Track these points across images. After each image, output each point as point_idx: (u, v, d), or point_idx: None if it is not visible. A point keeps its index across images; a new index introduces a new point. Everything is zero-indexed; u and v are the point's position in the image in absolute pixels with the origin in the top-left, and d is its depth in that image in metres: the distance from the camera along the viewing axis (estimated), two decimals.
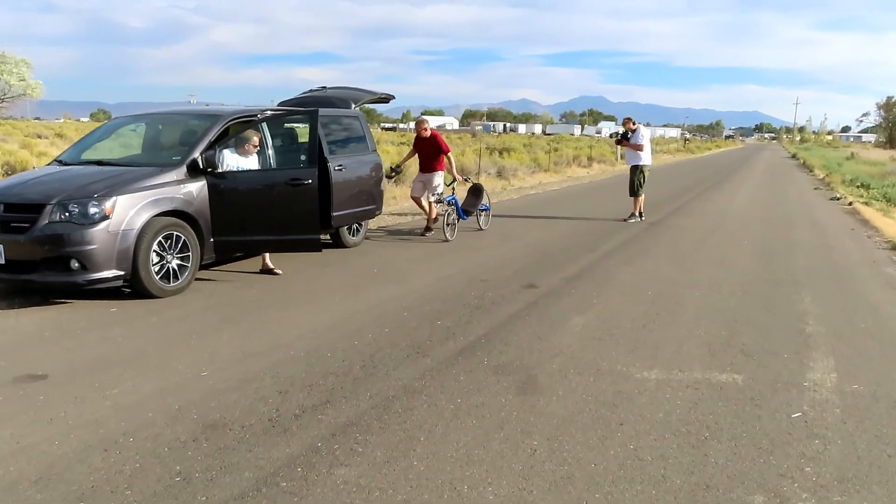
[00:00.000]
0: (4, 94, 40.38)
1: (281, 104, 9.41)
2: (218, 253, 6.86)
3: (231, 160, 6.84)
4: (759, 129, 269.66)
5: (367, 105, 11.99)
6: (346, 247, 8.89)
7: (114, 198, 5.94)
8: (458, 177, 10.37)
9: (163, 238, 6.22)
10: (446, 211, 9.63)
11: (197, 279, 6.76)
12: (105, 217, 5.86)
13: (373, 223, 10.73)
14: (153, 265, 6.13)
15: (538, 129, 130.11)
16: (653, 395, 4.12)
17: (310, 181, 6.69)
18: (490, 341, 5.04)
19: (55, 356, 4.63)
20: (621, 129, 12.75)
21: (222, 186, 6.69)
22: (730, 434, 3.63)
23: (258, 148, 7.08)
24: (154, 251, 6.14)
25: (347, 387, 4.10)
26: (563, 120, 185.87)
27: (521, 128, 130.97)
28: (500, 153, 28.25)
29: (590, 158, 30.17)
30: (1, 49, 42.36)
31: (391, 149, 24.59)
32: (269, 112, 7.71)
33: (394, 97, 10.24)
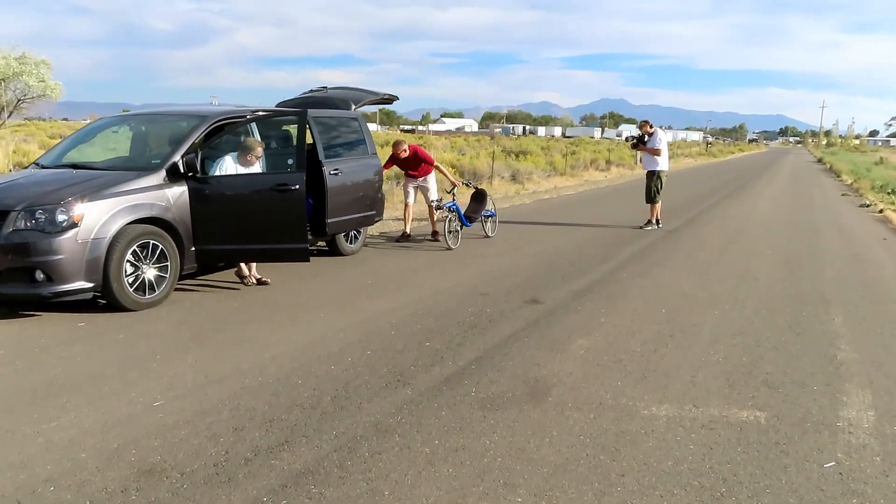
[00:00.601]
0: (24, 96, 40.29)
1: (280, 104, 8.99)
2: (200, 262, 6.43)
3: (232, 170, 6.41)
4: (783, 132, 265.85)
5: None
6: (344, 255, 8.44)
7: (84, 204, 5.52)
8: (456, 182, 9.88)
9: (138, 247, 5.80)
10: (447, 218, 9.12)
11: (178, 289, 6.34)
12: (73, 225, 5.44)
13: (375, 229, 10.29)
14: (127, 276, 5.72)
15: (558, 131, 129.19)
16: (661, 437, 3.59)
17: (297, 187, 6.23)
18: (481, 367, 4.53)
19: (1, 379, 4.21)
20: (638, 133, 12.17)
21: (204, 192, 6.26)
22: (751, 489, 3.10)
23: (261, 158, 6.62)
24: (128, 261, 5.72)
25: (312, 423, 3.62)
26: (584, 123, 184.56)
27: (541, 130, 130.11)
28: (516, 156, 27.70)
29: (608, 162, 29.52)
30: (21, 50, 42.42)
31: None
32: (260, 112, 7.28)
33: (397, 98, 9.76)
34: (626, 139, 16.08)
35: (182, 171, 6.17)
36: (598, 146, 44.22)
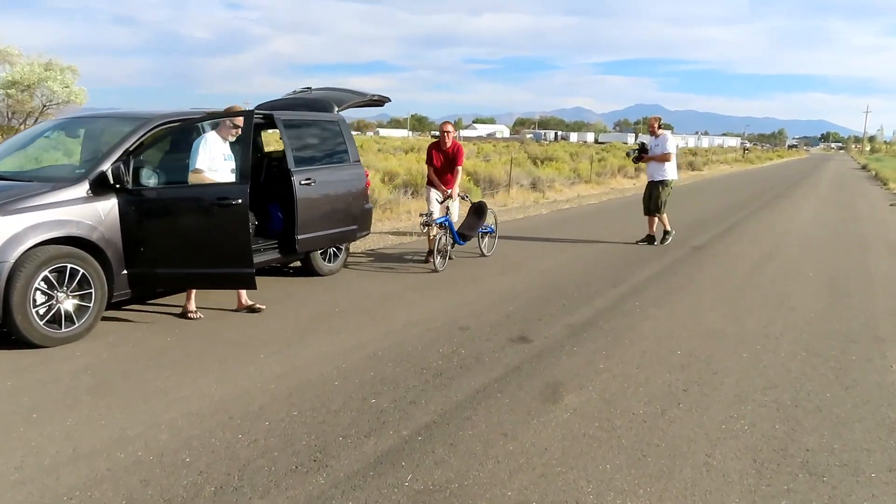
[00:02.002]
0: (49, 102, 40.46)
1: (259, 106, 8.09)
2: (134, 288, 5.53)
3: (217, 147, 5.63)
4: (825, 138, 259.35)
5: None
6: (320, 275, 7.49)
7: None
8: (454, 193, 8.37)
9: (52, 272, 4.92)
10: (437, 235, 7.99)
11: (114, 318, 5.48)
12: None
13: (369, 244, 9.35)
14: (37, 307, 4.84)
15: (591, 137, 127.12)
16: None
17: (239, 201, 5.31)
18: (430, 439, 3.51)
19: None
20: (642, 140, 10.57)
21: (136, 206, 5.37)
22: None
23: (239, 130, 5.72)
24: (38, 289, 4.85)
25: None
26: (617, 128, 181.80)
27: (573, 136, 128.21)
28: (541, 162, 26.59)
29: (637, 169, 28.18)
30: (48, 57, 42.86)
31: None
32: (209, 113, 6.36)
33: (389, 100, 8.80)
34: (627, 154, 12.82)
35: (111, 181, 5.29)
36: None
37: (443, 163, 8.53)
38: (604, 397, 4.15)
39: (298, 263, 7.60)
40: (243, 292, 5.94)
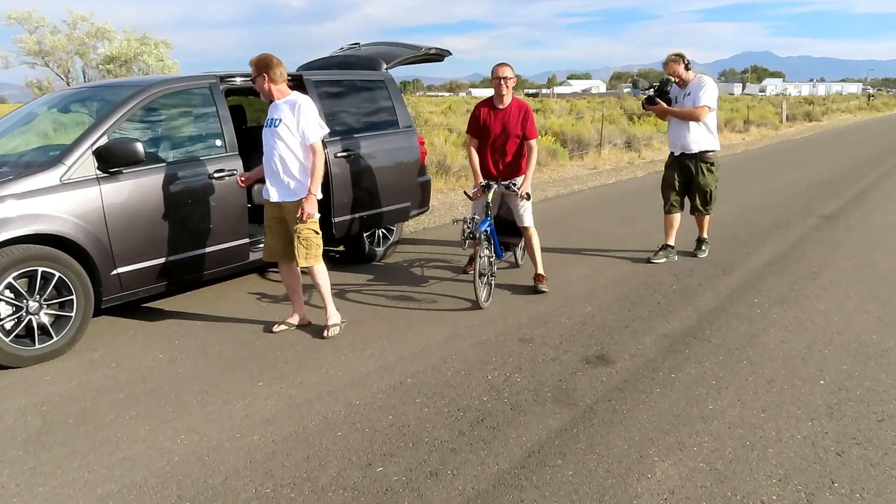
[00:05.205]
0: (145, 75, 41.98)
1: (301, 68, 7.06)
2: (127, 289, 4.62)
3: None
4: None
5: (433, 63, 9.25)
6: (368, 261, 6.46)
7: None
8: (525, 189, 5.20)
9: (20, 278, 4.06)
10: (481, 254, 4.97)
11: (116, 323, 4.62)
12: None
13: (430, 219, 8.21)
14: (0, 321, 4.01)
15: None
16: None
17: (236, 171, 4.32)
18: None
19: None
20: (659, 83, 6.46)
21: (123, 192, 4.44)
22: None
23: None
24: (0, 299, 4.01)
25: None
26: (723, 78, 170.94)
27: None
28: (638, 118, 24.51)
29: (746, 122, 25.57)
30: (143, 32, 44.22)
31: None
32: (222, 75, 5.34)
33: (449, 53, 7.51)
34: (639, 94, 6.28)
35: (94, 164, 4.36)
36: (737, 103, 39.34)
37: (497, 133, 5.22)
38: (715, 467, 2.84)
39: (342, 248, 6.60)
40: (330, 314, 4.55)
